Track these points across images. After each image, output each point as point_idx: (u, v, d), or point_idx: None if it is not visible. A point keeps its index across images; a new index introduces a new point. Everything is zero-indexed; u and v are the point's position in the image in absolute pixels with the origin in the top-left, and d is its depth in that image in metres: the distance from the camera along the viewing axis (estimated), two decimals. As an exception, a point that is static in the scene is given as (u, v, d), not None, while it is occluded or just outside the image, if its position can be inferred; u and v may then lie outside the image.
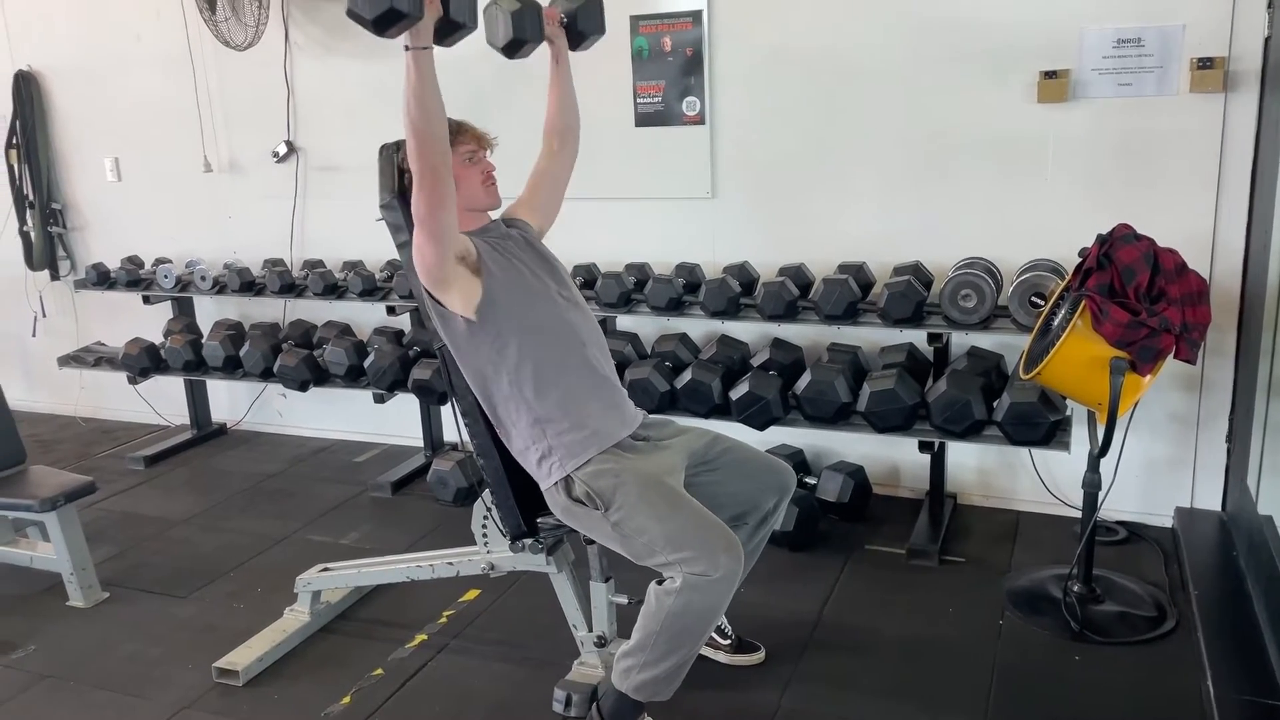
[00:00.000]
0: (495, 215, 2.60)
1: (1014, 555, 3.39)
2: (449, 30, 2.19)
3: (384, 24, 2.04)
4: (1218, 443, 3.43)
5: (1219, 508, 3.46)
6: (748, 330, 3.87)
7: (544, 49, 2.57)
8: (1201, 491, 3.50)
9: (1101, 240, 2.74)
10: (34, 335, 5.35)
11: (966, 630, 2.94)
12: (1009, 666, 2.74)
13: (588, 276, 3.95)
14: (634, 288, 3.85)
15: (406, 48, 2.10)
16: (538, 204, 2.70)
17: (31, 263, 5.18)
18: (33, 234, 5.13)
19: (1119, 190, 3.34)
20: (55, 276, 5.24)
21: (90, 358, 4.86)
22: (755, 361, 3.64)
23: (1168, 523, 3.51)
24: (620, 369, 3.14)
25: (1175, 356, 2.65)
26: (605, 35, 2.68)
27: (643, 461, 2.40)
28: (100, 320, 5.21)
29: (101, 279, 4.81)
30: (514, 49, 2.42)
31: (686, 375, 3.51)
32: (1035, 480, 3.57)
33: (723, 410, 3.47)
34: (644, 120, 3.94)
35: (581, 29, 2.61)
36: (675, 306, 3.73)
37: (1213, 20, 3.14)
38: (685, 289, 3.77)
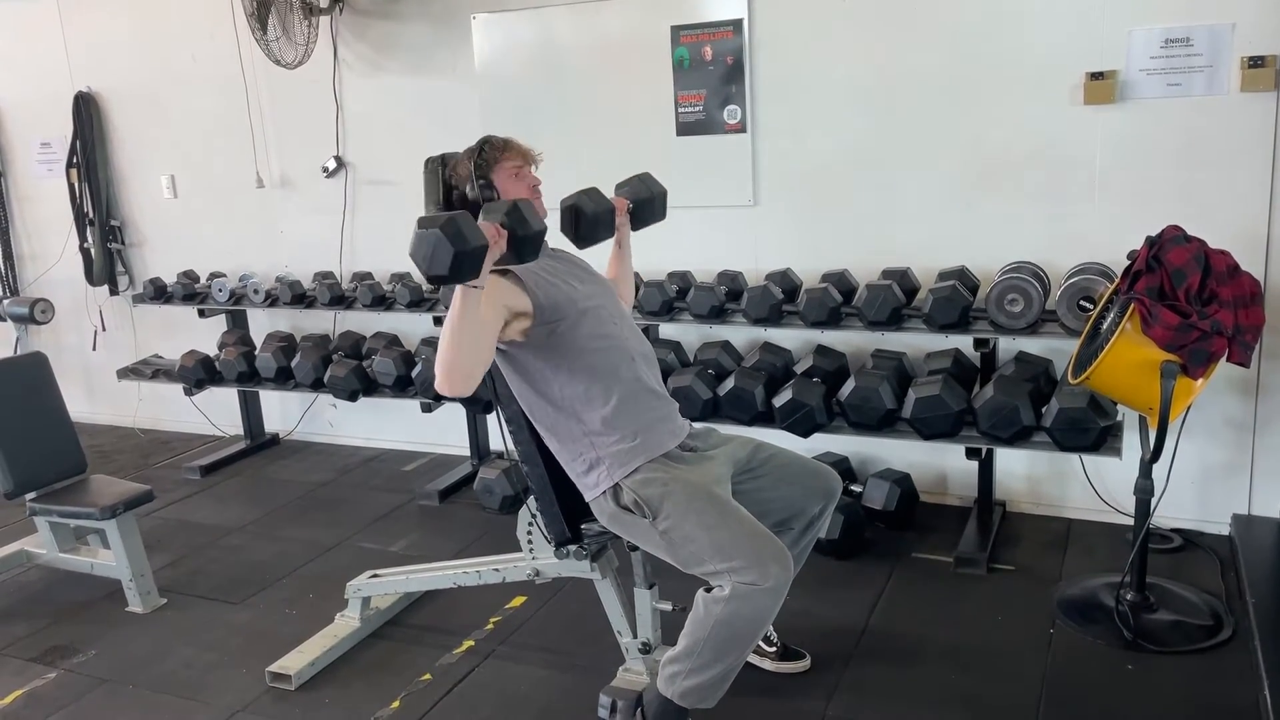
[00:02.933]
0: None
1: (1065, 563, 3.33)
2: (508, 262, 2.23)
3: (437, 283, 2.07)
4: (1276, 448, 3.36)
5: (1278, 514, 3.38)
6: (790, 337, 3.86)
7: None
8: (1260, 498, 3.42)
9: (1151, 242, 2.70)
10: (94, 349, 5.50)
11: (1016, 639, 2.90)
12: (1059, 676, 2.70)
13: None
14: (676, 296, 3.86)
15: (451, 284, 2.10)
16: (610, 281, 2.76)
17: (91, 278, 5.33)
18: (93, 250, 5.28)
19: (1168, 191, 3.29)
20: (114, 291, 5.39)
21: (148, 370, 4.99)
22: (798, 369, 3.63)
23: (1224, 530, 3.44)
24: (663, 377, 3.16)
25: (1228, 360, 2.61)
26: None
27: (690, 471, 2.41)
28: (157, 333, 5.35)
29: (158, 293, 4.93)
30: (583, 244, 2.51)
31: (729, 383, 3.51)
32: (1086, 487, 3.51)
33: (766, 417, 3.47)
34: (685, 129, 3.95)
35: (644, 218, 2.74)
36: (717, 314, 3.74)
37: (1263, 18, 3.08)
38: (727, 296, 3.78)
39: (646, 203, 2.72)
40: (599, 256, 2.75)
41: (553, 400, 2.44)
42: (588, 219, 2.45)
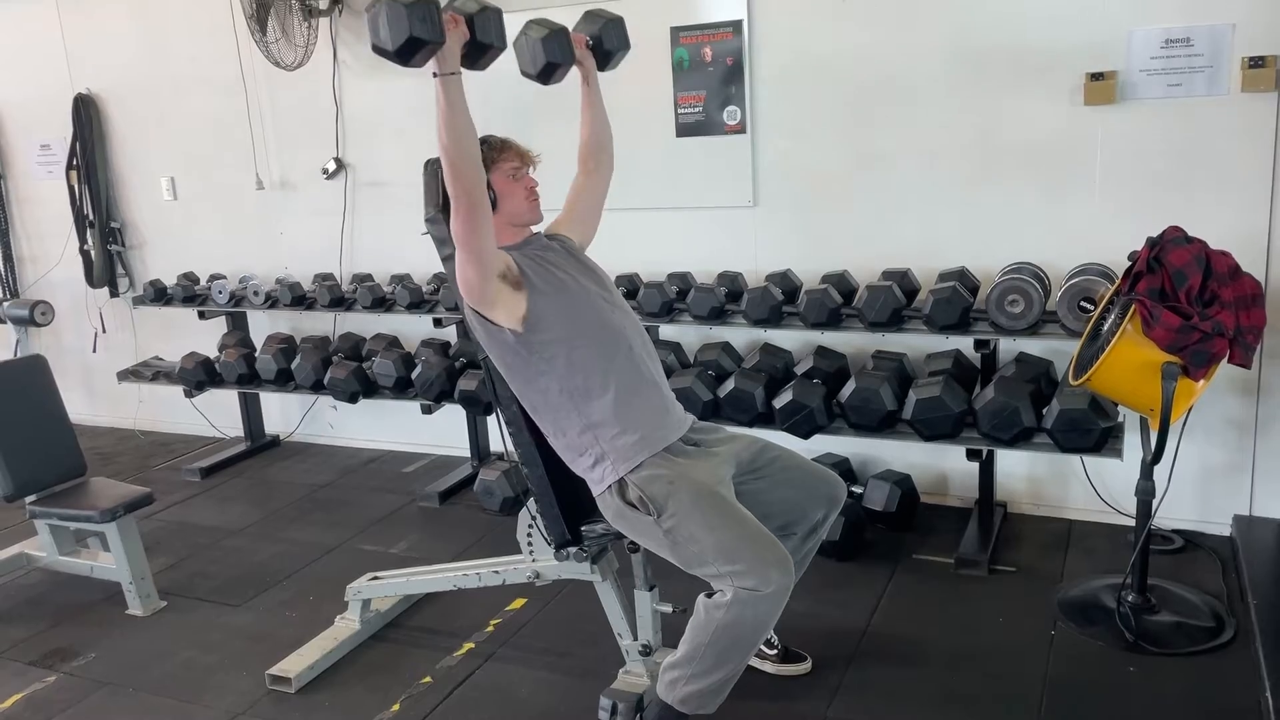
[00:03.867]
0: (537, 229, 2.63)
1: (1066, 564, 3.33)
2: (477, 53, 2.23)
3: (407, 53, 2.07)
4: (1277, 449, 3.35)
5: (1279, 515, 3.37)
6: (791, 338, 3.86)
7: (575, 73, 2.61)
8: (1261, 499, 3.41)
9: (1152, 243, 2.70)
10: (94, 351, 5.50)
11: (1017, 641, 2.89)
12: (1061, 678, 2.70)
13: (630, 286, 3.97)
14: (676, 297, 3.86)
15: (435, 74, 2.14)
16: (576, 220, 2.74)
17: (91, 280, 5.33)
18: (93, 252, 5.28)
19: (1169, 192, 3.29)
20: (114, 293, 5.39)
21: (148, 372, 4.98)
22: (799, 370, 3.63)
23: (1226, 531, 3.43)
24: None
25: (1229, 361, 2.60)
26: (631, 50, 2.71)
27: (695, 468, 2.40)
28: (157, 335, 5.34)
29: (159, 295, 4.93)
30: (548, 74, 2.47)
31: (729, 384, 3.51)
32: (1087, 488, 3.51)
33: (766, 419, 3.47)
34: (685, 130, 3.95)
35: (608, 48, 2.66)
36: (717, 315, 3.73)
37: (1263, 18, 3.08)
38: (727, 297, 3.77)
39: (603, 31, 2.63)
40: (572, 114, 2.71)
41: (552, 395, 2.44)
42: (545, 43, 2.39)
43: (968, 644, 2.89)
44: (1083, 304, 3.11)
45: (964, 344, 3.51)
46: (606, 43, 2.64)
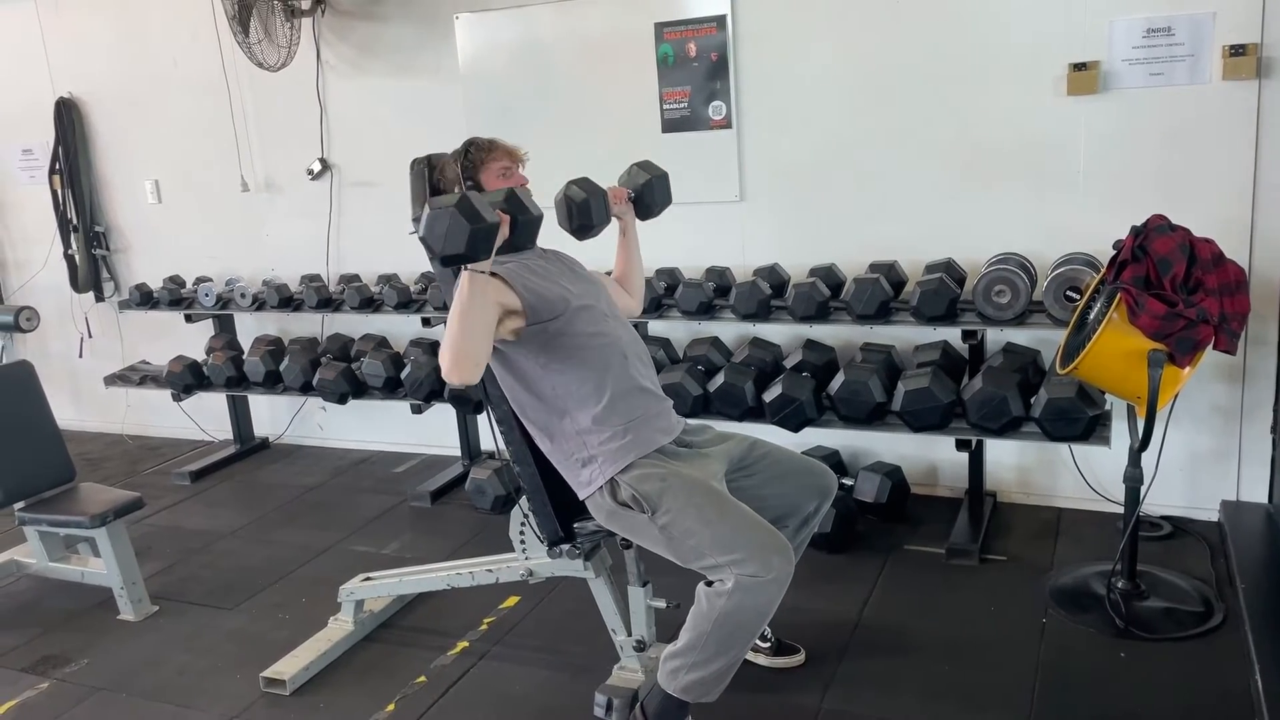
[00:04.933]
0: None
1: (1056, 552, 3.35)
2: (506, 250, 2.24)
3: (450, 263, 2.09)
4: (1263, 434, 3.37)
5: (1266, 500, 3.40)
6: (779, 332, 3.87)
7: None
8: (1247, 484, 3.44)
9: (1136, 232, 2.71)
10: (80, 356, 5.47)
11: (1009, 629, 2.91)
12: (1053, 665, 2.72)
13: (619, 283, 3.97)
14: (664, 292, 3.86)
15: (465, 267, 2.12)
16: (611, 285, 2.76)
17: (77, 285, 5.30)
18: (77, 257, 5.25)
19: (1153, 181, 3.31)
20: (100, 298, 5.36)
21: (135, 376, 4.96)
22: (788, 363, 3.63)
23: (1213, 516, 3.46)
24: (653, 374, 3.16)
25: (1214, 347, 2.62)
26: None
27: (687, 466, 2.41)
28: (144, 339, 5.32)
29: (144, 299, 4.91)
30: (583, 233, 2.50)
31: (719, 378, 3.52)
32: (1076, 476, 3.53)
33: (756, 413, 3.47)
34: (671, 126, 3.95)
35: (649, 203, 2.72)
36: (706, 310, 3.74)
37: (1244, 7, 3.10)
38: (716, 292, 3.78)
39: (646, 187, 2.70)
40: (605, 252, 2.74)
41: (545, 399, 2.44)
42: (579, 207, 2.44)
43: (959, 633, 2.91)
44: (1069, 293, 3.13)
45: (952, 335, 3.52)
46: (647, 198, 2.71)
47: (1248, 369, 3.35)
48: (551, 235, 2.46)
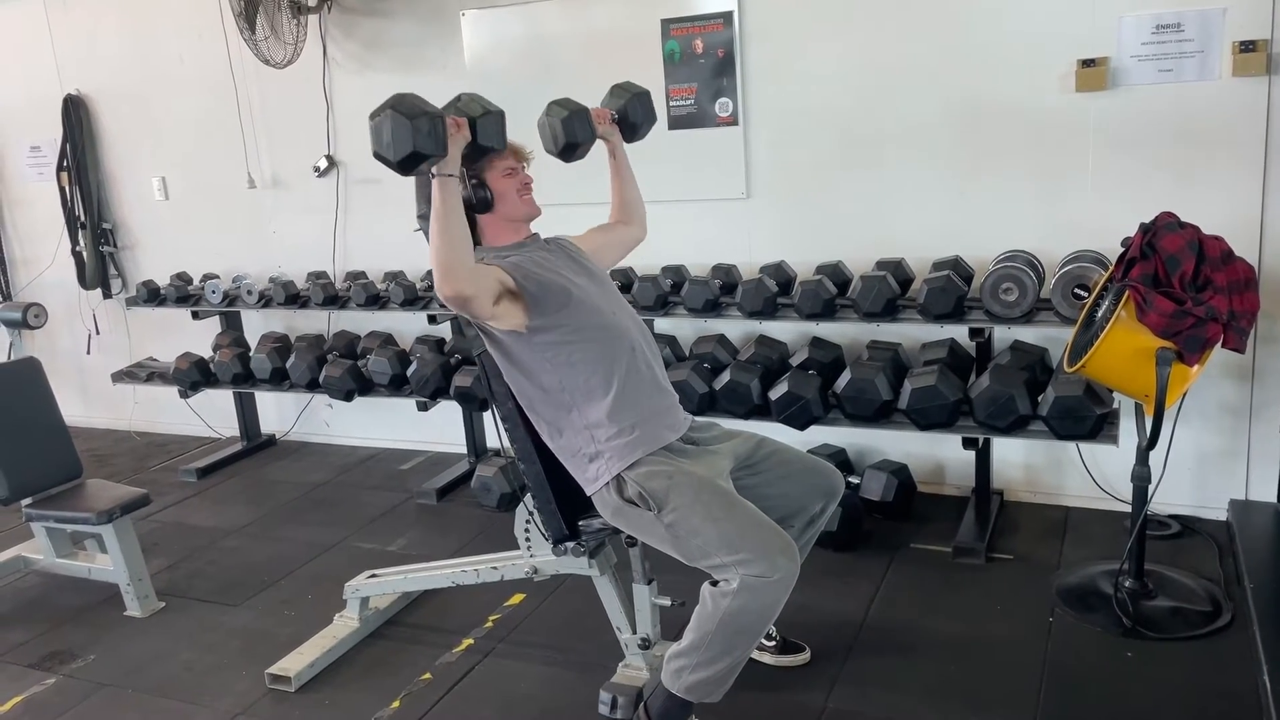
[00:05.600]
0: (534, 226, 2.62)
1: (1063, 551, 3.34)
2: (478, 154, 2.25)
3: (409, 165, 2.09)
4: (1272, 433, 3.36)
5: (1275, 499, 3.38)
6: (786, 330, 3.86)
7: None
8: (1256, 483, 3.42)
9: (1144, 229, 2.70)
10: (88, 352, 5.49)
11: (1015, 628, 2.90)
12: (1059, 664, 2.71)
13: (624, 280, 3.97)
14: (671, 290, 3.86)
15: (432, 174, 2.14)
16: (597, 248, 2.75)
17: (84, 282, 5.32)
18: (85, 254, 5.27)
19: (1162, 178, 3.29)
20: (107, 295, 5.37)
21: (142, 373, 4.97)
22: (794, 361, 3.63)
23: (1222, 515, 3.44)
24: (659, 372, 3.16)
25: (1223, 345, 2.60)
26: (658, 122, 2.76)
27: (694, 464, 2.41)
28: (151, 336, 5.33)
29: (152, 296, 4.92)
30: (570, 152, 2.51)
31: (725, 376, 3.51)
32: (1083, 475, 3.51)
33: (762, 411, 3.47)
34: (677, 123, 3.94)
35: (633, 121, 2.72)
36: (712, 308, 3.73)
37: (1254, 3, 3.08)
38: (722, 290, 3.77)
39: (629, 105, 2.69)
40: (603, 182, 2.74)
41: (552, 393, 2.43)
42: (563, 124, 2.44)
43: (966, 632, 2.90)
44: (1077, 291, 3.12)
45: (959, 333, 3.51)
46: (632, 116, 2.71)
47: (1257, 367, 3.33)
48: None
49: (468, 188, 2.48)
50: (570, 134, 2.48)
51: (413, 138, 2.04)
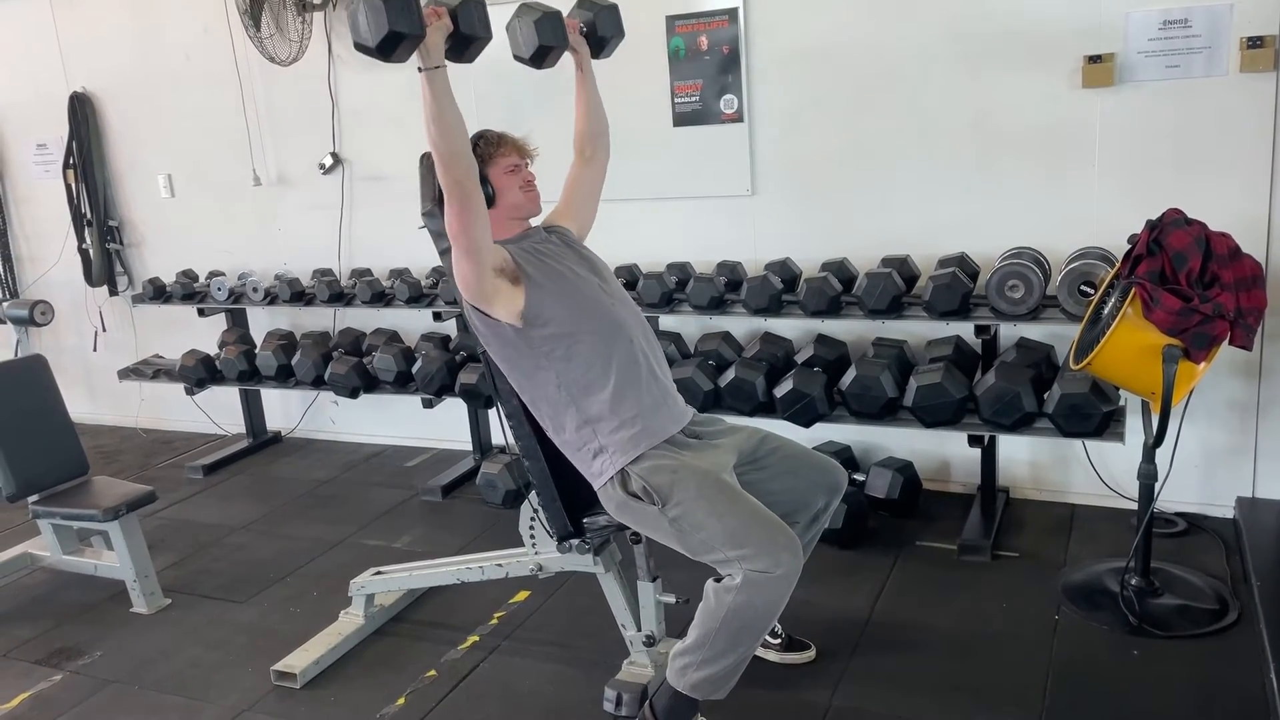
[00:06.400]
0: (535, 222, 2.62)
1: (1069, 549, 3.33)
2: (462, 45, 2.22)
3: (388, 48, 2.06)
4: (1279, 430, 3.34)
5: (1282, 497, 3.38)
6: (791, 327, 3.85)
7: (568, 61, 2.60)
8: (1263, 480, 3.41)
9: (1151, 226, 2.69)
10: (95, 350, 5.50)
11: (1021, 626, 2.89)
12: (1065, 662, 2.70)
13: (629, 277, 3.97)
14: (675, 287, 3.85)
15: (419, 69, 2.13)
16: (574, 210, 2.73)
17: (90, 279, 5.33)
18: (91, 251, 5.28)
19: (1169, 174, 3.28)
20: (114, 292, 5.38)
21: (149, 370, 4.98)
22: (799, 358, 3.62)
23: (1229, 513, 3.43)
24: (664, 369, 3.16)
25: (1230, 343, 2.60)
26: (626, 39, 2.71)
27: (698, 458, 2.40)
28: (158, 333, 5.34)
29: (158, 293, 4.93)
30: (540, 57, 2.46)
31: (730, 373, 3.51)
32: (1090, 473, 3.50)
33: (767, 408, 3.46)
34: (682, 120, 3.94)
35: (602, 34, 2.65)
36: (717, 305, 3.73)
37: (1262, -2, 3.06)
38: (727, 287, 3.77)
39: (599, 18, 2.62)
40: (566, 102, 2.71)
41: (552, 389, 2.43)
42: (539, 24, 2.38)
43: (971, 630, 2.89)
44: (1083, 288, 3.11)
45: (964, 330, 3.50)
46: (601, 29, 2.64)
47: (1264, 364, 3.32)
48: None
49: None
50: (544, 37, 2.40)
51: (388, 15, 2.01)
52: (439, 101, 2.16)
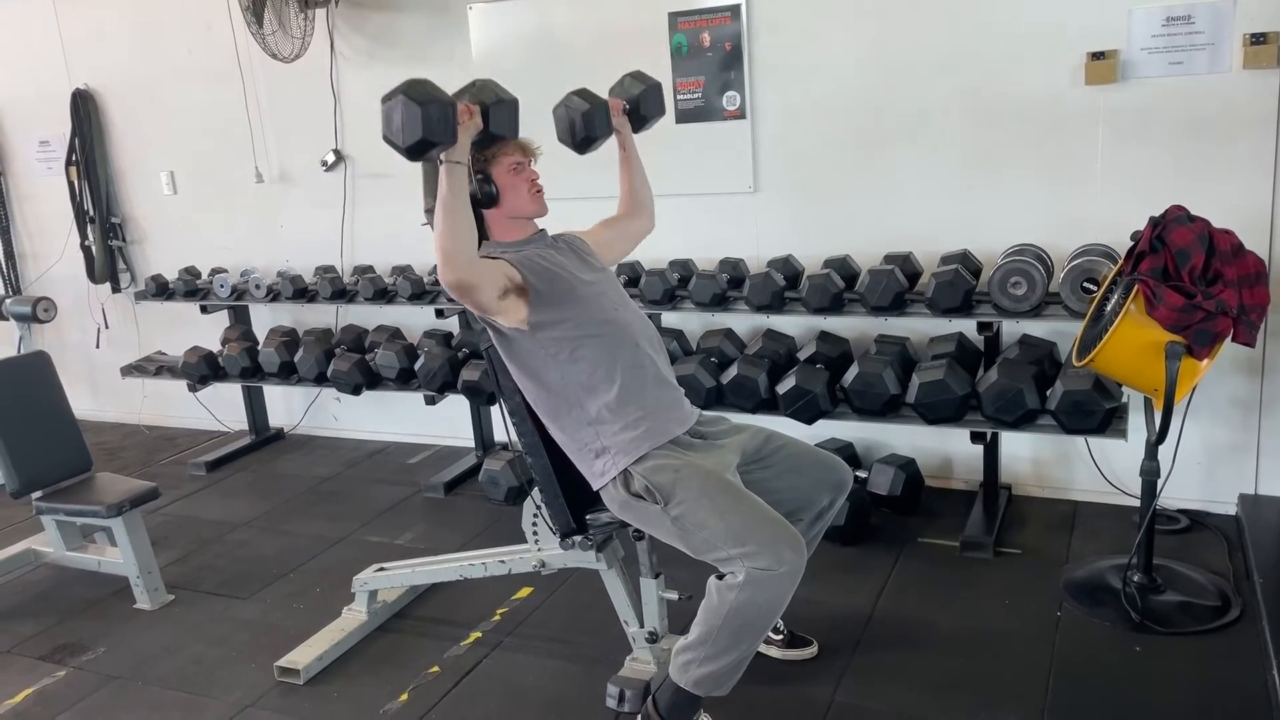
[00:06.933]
0: (541, 223, 2.62)
1: (1071, 546, 3.33)
2: (488, 141, 2.25)
3: (417, 153, 2.09)
4: (1282, 427, 3.35)
5: (1285, 494, 3.38)
6: (793, 324, 3.85)
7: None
8: (1266, 477, 3.41)
9: (1154, 223, 2.69)
10: (97, 346, 5.51)
11: (1023, 622, 2.90)
12: (1068, 658, 2.70)
13: (632, 274, 3.97)
14: (678, 284, 3.85)
15: (440, 160, 2.14)
16: (604, 241, 2.75)
17: (93, 276, 5.33)
18: (94, 248, 5.28)
19: (1172, 171, 3.27)
20: (116, 289, 5.39)
21: (151, 367, 4.99)
22: (802, 355, 3.62)
23: (1231, 510, 3.43)
24: (666, 366, 3.17)
25: (1233, 339, 2.59)
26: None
27: (701, 458, 2.41)
28: (160, 330, 5.35)
29: (160, 290, 4.93)
30: (585, 146, 2.53)
31: (732, 370, 3.51)
32: (1092, 469, 3.50)
33: (770, 405, 3.46)
34: (684, 117, 3.93)
35: (644, 114, 2.74)
36: (720, 302, 3.73)
37: (1265, -6, 3.06)
38: (729, 284, 3.77)
39: (642, 97, 2.70)
40: (610, 176, 2.75)
41: (556, 390, 2.44)
42: (584, 117, 2.45)
43: (974, 626, 2.90)
44: (1086, 285, 3.10)
45: (967, 327, 3.50)
46: (643, 108, 2.73)
47: (1267, 361, 3.32)
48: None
49: (473, 182, 2.47)
50: (589, 128, 2.49)
51: (423, 124, 2.04)
52: (454, 194, 2.17)
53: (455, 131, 2.12)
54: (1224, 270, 2.59)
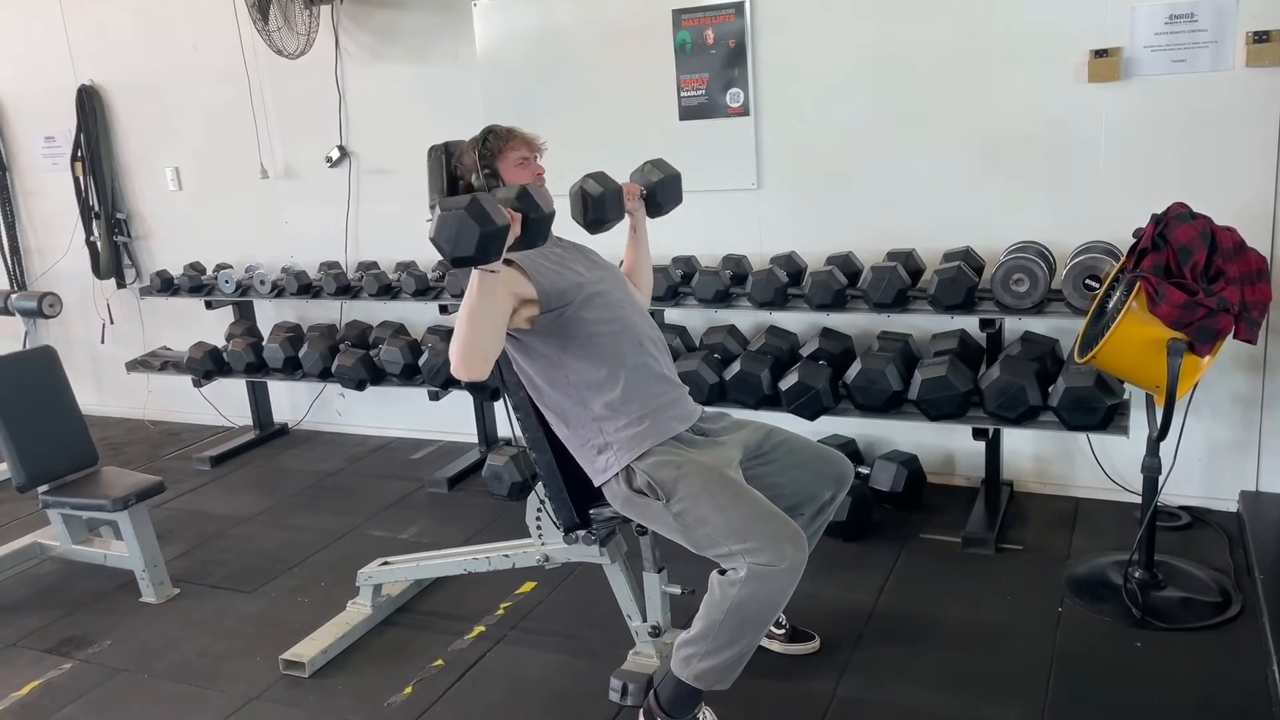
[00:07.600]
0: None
1: (1073, 542, 3.34)
2: (519, 247, 2.23)
3: (460, 265, 2.08)
4: (1284, 424, 3.35)
5: (1286, 491, 3.38)
6: (796, 320, 3.86)
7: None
8: (1267, 474, 3.41)
9: (1156, 220, 2.69)
10: (103, 342, 5.52)
11: (1025, 618, 2.91)
12: (1069, 654, 2.71)
13: (636, 271, 3.98)
14: (681, 280, 3.86)
15: (475, 266, 2.11)
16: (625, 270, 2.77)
17: (98, 271, 5.35)
18: (99, 244, 5.30)
19: (1174, 168, 3.28)
20: (121, 284, 5.41)
21: (156, 362, 5.01)
22: (804, 351, 3.63)
23: (1232, 506, 3.44)
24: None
25: (1235, 336, 2.60)
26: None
27: (703, 454, 2.42)
28: (165, 325, 5.37)
29: (165, 285, 4.95)
30: (595, 227, 2.52)
31: (735, 367, 3.52)
32: (1094, 466, 3.51)
33: (772, 401, 3.47)
34: (688, 114, 3.94)
35: (660, 201, 2.73)
36: (723, 298, 3.74)
37: (1269, -9, 3.06)
38: (732, 280, 3.78)
39: (660, 185, 2.72)
40: (616, 246, 2.75)
41: (560, 386, 2.45)
42: (595, 201, 2.46)
43: (975, 622, 2.91)
44: (1088, 282, 3.11)
45: (969, 324, 3.51)
46: (660, 195, 2.72)
47: (1269, 358, 3.32)
48: (563, 226, 2.46)
49: (480, 178, 2.49)
50: (600, 211, 2.47)
51: (477, 246, 2.02)
52: (484, 300, 2.14)
53: (503, 251, 2.09)
54: (1226, 267, 2.60)
